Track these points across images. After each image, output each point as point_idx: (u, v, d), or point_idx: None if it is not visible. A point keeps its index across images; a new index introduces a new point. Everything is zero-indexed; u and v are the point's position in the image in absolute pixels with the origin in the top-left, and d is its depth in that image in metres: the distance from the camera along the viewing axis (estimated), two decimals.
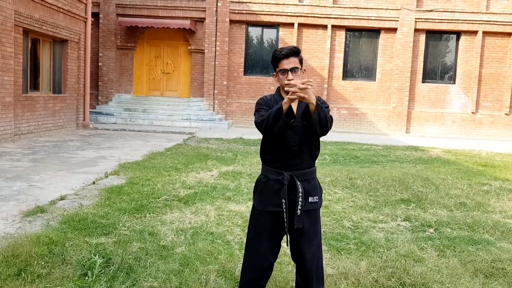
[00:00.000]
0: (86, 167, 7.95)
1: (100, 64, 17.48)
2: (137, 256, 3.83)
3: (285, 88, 2.60)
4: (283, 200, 2.72)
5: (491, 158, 11.32)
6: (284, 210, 2.73)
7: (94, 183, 6.62)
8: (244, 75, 17.84)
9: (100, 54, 17.44)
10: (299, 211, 2.70)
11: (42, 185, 6.46)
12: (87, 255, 3.72)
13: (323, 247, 4.30)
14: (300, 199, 2.70)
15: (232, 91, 17.82)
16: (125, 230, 4.49)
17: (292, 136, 2.72)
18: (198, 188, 6.47)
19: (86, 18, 14.23)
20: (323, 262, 3.07)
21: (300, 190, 2.71)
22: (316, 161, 2.91)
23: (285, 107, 2.51)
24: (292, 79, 2.59)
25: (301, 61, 2.75)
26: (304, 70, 2.78)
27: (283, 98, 2.67)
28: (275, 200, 2.78)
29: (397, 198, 6.33)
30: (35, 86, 12.45)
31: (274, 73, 2.81)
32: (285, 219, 2.74)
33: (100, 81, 17.53)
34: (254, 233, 2.93)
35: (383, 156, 10.91)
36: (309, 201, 2.79)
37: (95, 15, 16.74)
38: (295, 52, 2.70)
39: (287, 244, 2.88)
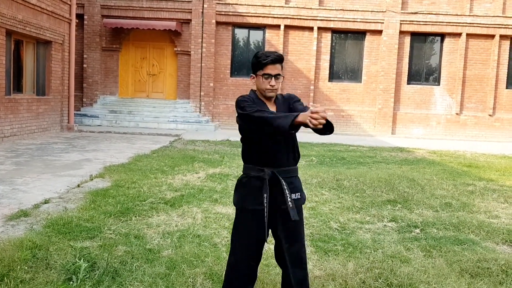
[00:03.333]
0: (71, 170, 7.85)
1: (84, 65, 17.31)
2: (122, 260, 3.79)
3: (311, 116, 2.40)
4: (265, 195, 2.73)
5: (475, 158, 11.46)
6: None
7: (78, 186, 6.54)
8: (230, 76, 17.81)
9: (84, 56, 17.26)
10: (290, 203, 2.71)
11: (26, 188, 6.36)
12: (71, 259, 3.67)
13: (310, 248, 4.31)
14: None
15: (218, 92, 17.77)
16: (111, 234, 4.43)
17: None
18: (185, 191, 6.43)
19: (71, 20, 14.08)
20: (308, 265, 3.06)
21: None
22: (302, 162, 2.94)
23: (297, 122, 2.45)
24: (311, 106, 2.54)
25: (282, 68, 2.84)
26: (283, 76, 2.87)
27: (261, 101, 2.78)
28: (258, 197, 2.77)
29: (384, 199, 6.37)
30: (18, 88, 12.26)
31: (253, 75, 2.85)
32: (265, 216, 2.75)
33: (84, 83, 17.34)
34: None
35: (369, 157, 10.97)
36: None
37: (80, 16, 16.55)
38: (281, 59, 2.79)
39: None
